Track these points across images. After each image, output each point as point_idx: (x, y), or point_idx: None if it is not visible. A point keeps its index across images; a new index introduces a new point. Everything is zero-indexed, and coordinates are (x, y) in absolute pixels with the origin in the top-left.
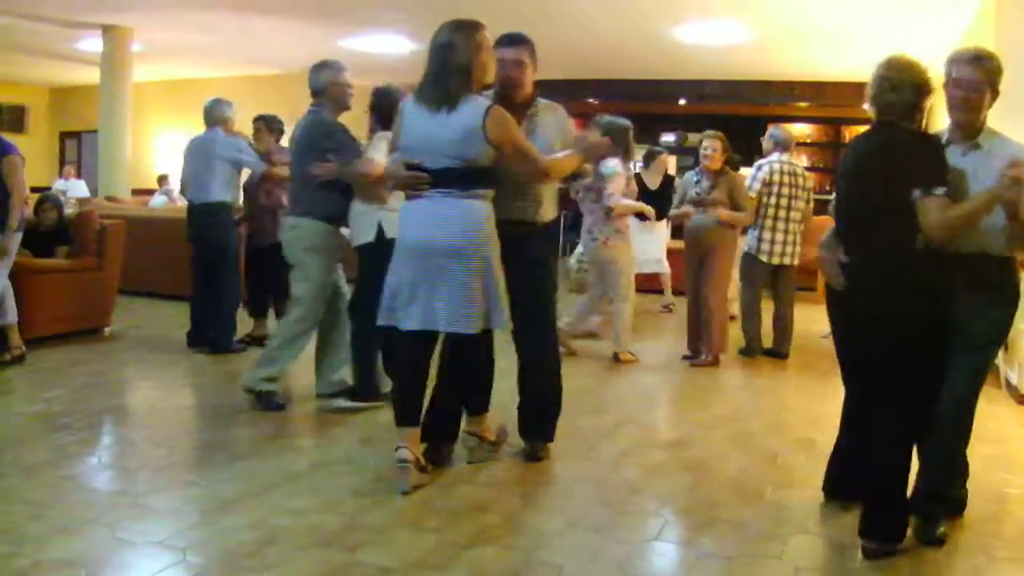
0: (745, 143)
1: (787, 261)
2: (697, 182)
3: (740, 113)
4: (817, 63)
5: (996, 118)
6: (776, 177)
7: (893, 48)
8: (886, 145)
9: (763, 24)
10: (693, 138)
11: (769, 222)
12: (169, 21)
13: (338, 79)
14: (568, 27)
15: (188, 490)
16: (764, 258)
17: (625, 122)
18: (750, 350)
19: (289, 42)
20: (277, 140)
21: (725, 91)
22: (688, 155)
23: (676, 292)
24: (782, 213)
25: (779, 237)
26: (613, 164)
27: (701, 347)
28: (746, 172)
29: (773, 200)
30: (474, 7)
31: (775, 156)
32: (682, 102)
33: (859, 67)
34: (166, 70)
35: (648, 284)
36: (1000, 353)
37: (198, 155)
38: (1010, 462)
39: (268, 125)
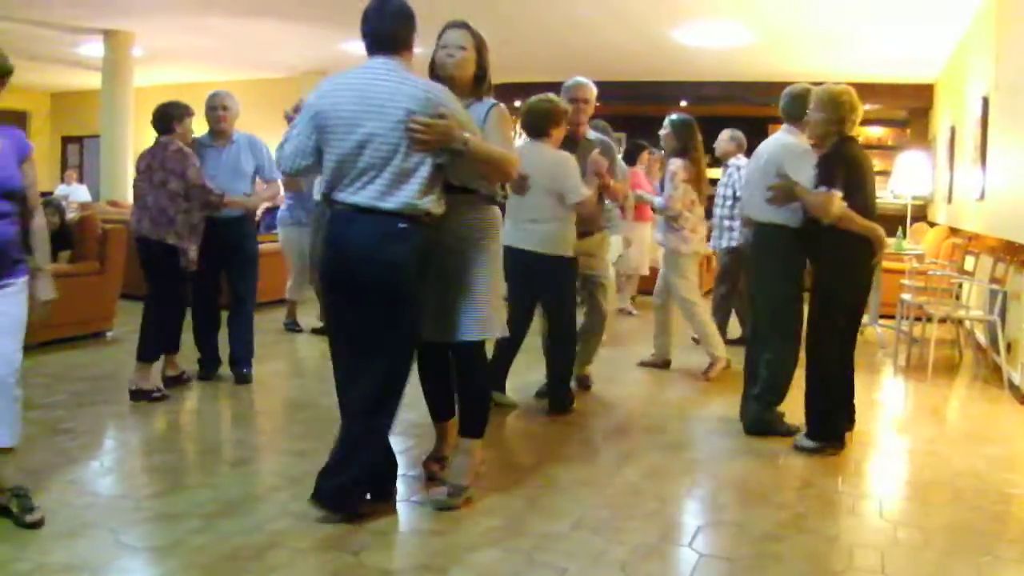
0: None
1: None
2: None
3: (741, 114)
4: (817, 65)
5: (999, 121)
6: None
7: (892, 51)
8: None
9: (763, 26)
10: None
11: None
12: (170, 25)
13: None
14: (569, 30)
15: (190, 494)
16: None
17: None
18: None
19: (291, 46)
20: None
21: (726, 92)
22: None
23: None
24: None
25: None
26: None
27: None
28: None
29: None
30: (472, 11)
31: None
32: (683, 104)
33: (859, 68)
34: (167, 75)
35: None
36: (1003, 354)
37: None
38: (1013, 462)
39: None
